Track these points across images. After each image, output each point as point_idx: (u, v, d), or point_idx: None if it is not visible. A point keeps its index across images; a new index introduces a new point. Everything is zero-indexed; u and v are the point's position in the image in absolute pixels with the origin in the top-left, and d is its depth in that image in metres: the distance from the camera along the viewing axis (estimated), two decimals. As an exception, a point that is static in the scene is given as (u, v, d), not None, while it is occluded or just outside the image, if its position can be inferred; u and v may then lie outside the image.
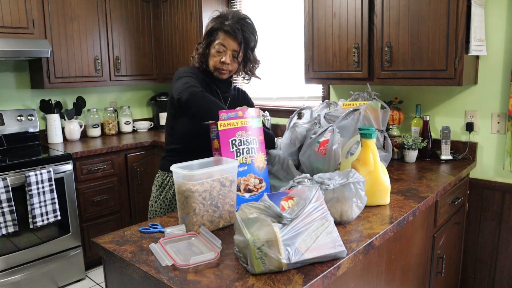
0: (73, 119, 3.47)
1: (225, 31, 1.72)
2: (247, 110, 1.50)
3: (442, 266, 2.05)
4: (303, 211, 1.11)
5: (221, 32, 1.73)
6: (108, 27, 3.45)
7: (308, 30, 2.65)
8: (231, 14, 1.75)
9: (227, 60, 1.75)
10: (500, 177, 2.36)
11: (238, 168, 1.43)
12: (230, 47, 1.73)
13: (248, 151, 1.49)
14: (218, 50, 1.74)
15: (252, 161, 1.50)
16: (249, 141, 1.49)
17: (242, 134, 1.47)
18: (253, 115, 1.52)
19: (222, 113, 1.43)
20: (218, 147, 1.43)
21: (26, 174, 2.65)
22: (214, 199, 1.34)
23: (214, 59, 1.76)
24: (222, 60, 1.74)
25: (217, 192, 1.34)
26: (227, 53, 1.74)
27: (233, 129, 1.45)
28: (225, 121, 1.43)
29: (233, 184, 1.38)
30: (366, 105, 1.92)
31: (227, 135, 1.44)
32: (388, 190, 1.59)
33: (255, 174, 1.51)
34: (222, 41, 1.73)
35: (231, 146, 1.44)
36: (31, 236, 2.76)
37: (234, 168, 1.37)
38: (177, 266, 1.10)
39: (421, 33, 2.17)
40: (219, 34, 1.73)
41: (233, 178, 1.37)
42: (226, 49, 1.74)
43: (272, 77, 3.44)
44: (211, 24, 1.76)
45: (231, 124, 1.45)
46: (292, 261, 1.05)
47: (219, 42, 1.73)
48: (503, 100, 2.29)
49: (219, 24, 1.73)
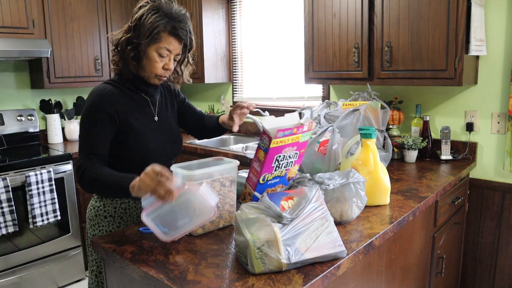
0: (73, 119, 3.47)
1: (171, 32, 1.41)
2: (303, 126, 1.36)
3: (442, 266, 2.05)
4: (303, 211, 1.11)
5: (166, 34, 1.41)
6: (108, 27, 3.45)
7: (308, 30, 2.65)
8: (173, 10, 1.42)
9: (171, 66, 1.47)
10: (500, 177, 2.36)
11: (270, 180, 1.38)
12: (174, 51, 1.45)
13: (286, 165, 1.42)
14: (161, 55, 1.43)
15: (286, 173, 1.45)
16: (291, 156, 1.41)
17: (288, 150, 1.38)
18: (306, 130, 1.39)
19: (280, 131, 1.29)
20: (263, 160, 1.34)
21: (26, 174, 2.65)
22: None
23: (156, 64, 1.44)
24: (166, 66, 1.46)
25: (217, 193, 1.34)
26: (171, 58, 1.46)
27: (282, 146, 1.34)
28: (279, 139, 1.31)
29: (233, 184, 1.38)
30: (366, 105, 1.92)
31: (275, 152, 1.34)
32: (388, 190, 1.59)
33: (283, 184, 1.47)
34: (167, 44, 1.42)
35: (274, 162, 1.36)
36: (31, 236, 2.76)
37: (234, 168, 1.37)
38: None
39: (421, 33, 2.17)
40: (163, 35, 1.40)
41: (233, 178, 1.37)
42: (170, 53, 1.44)
43: (272, 77, 3.44)
44: (152, 22, 1.38)
45: (283, 142, 1.33)
46: (292, 261, 1.05)
47: (163, 45, 1.41)
48: (503, 100, 2.29)
49: (163, 23, 1.39)
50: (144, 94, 1.55)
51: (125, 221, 1.56)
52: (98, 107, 1.42)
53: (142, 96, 1.55)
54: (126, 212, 1.56)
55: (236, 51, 3.67)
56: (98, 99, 1.43)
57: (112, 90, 1.46)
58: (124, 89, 1.50)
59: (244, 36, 3.60)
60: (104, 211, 1.55)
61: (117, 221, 1.55)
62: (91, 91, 1.47)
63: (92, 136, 1.41)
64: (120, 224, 1.55)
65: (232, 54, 3.68)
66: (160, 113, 1.60)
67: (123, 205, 1.56)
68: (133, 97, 1.51)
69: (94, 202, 1.59)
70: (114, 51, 1.48)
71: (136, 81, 1.51)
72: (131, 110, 1.49)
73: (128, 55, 1.42)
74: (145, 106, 1.55)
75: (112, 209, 1.55)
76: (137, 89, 1.53)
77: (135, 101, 1.52)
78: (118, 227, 1.55)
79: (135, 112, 1.50)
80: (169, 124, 1.64)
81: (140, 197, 1.20)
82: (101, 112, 1.41)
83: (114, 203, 1.55)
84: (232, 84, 3.73)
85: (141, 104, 1.53)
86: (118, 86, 1.49)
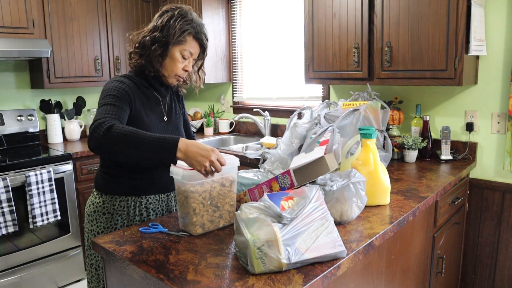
0: (73, 119, 3.47)
1: (195, 37, 1.53)
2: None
3: (442, 266, 2.05)
4: (303, 211, 1.11)
5: (190, 37, 1.52)
6: (108, 27, 3.45)
7: (308, 30, 2.65)
8: (195, 17, 1.55)
9: (190, 68, 1.57)
10: (500, 177, 2.35)
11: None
12: (195, 55, 1.56)
13: None
14: (184, 56, 1.53)
15: None
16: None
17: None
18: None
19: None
20: (275, 192, 1.33)
21: (26, 174, 2.65)
22: (214, 199, 1.34)
23: (178, 64, 1.53)
24: (186, 68, 1.55)
25: (217, 192, 1.34)
26: (191, 61, 1.56)
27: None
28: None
29: (233, 184, 1.38)
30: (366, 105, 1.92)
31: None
32: (388, 190, 1.59)
33: None
34: (191, 47, 1.53)
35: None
36: (31, 236, 2.76)
37: (234, 168, 1.37)
38: None
39: (421, 33, 2.17)
40: (187, 38, 1.51)
41: (233, 178, 1.37)
42: (191, 56, 1.55)
43: (272, 77, 3.44)
44: (182, 24, 1.49)
45: None
46: (292, 261, 1.05)
47: (187, 48, 1.52)
48: (503, 100, 2.29)
49: (189, 26, 1.50)
50: (156, 93, 1.60)
51: (123, 219, 1.56)
52: (120, 88, 1.46)
53: (155, 95, 1.60)
54: (125, 210, 1.56)
55: (236, 51, 3.67)
56: (119, 84, 1.48)
57: (128, 82, 1.51)
58: (139, 84, 1.55)
59: (244, 36, 3.60)
60: (103, 208, 1.56)
61: (115, 218, 1.56)
62: (108, 80, 1.52)
63: (116, 105, 1.41)
64: (118, 221, 1.56)
65: (232, 54, 3.68)
66: (169, 115, 1.65)
67: (122, 203, 1.56)
68: (146, 94, 1.56)
69: (94, 198, 1.61)
70: (136, 48, 1.54)
71: (153, 79, 1.57)
72: (144, 105, 1.54)
73: (155, 52, 1.49)
74: (157, 104, 1.60)
75: (111, 206, 1.56)
76: (150, 86, 1.58)
77: (148, 97, 1.57)
78: (115, 224, 1.56)
79: (147, 108, 1.55)
80: (177, 126, 1.68)
81: (172, 164, 1.30)
82: (123, 92, 1.46)
83: (113, 200, 1.56)
84: (232, 84, 3.73)
85: (153, 102, 1.58)
86: (134, 80, 1.55)
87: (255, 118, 3.38)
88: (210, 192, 1.32)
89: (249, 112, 3.48)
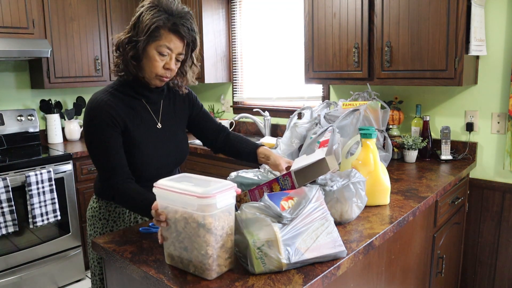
0: (73, 119, 3.47)
1: (172, 29, 1.35)
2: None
3: (442, 266, 2.05)
4: (303, 211, 1.11)
5: (166, 31, 1.35)
6: (108, 27, 3.45)
7: (308, 30, 2.65)
8: (174, 6, 1.37)
9: (173, 65, 1.40)
10: (500, 177, 2.35)
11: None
12: (176, 50, 1.38)
13: None
14: (161, 53, 1.36)
15: None
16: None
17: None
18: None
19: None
20: (275, 192, 1.33)
21: (26, 174, 2.65)
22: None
23: (156, 64, 1.37)
24: (167, 66, 1.39)
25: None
26: (172, 57, 1.39)
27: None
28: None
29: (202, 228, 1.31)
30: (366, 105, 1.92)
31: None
32: (388, 190, 1.59)
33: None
34: (168, 42, 1.35)
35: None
36: (31, 236, 2.76)
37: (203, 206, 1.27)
38: None
39: (421, 33, 2.17)
40: (163, 33, 1.34)
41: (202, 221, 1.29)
42: (171, 52, 1.38)
43: (272, 77, 3.44)
44: (151, 18, 1.33)
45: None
46: (292, 261, 1.05)
47: (163, 43, 1.35)
48: (503, 100, 2.29)
49: (162, 19, 1.33)
50: (145, 100, 1.48)
51: (118, 225, 1.55)
52: (99, 122, 1.37)
53: (142, 103, 1.48)
54: (120, 217, 1.55)
55: (236, 51, 3.67)
56: (97, 112, 1.38)
57: (106, 101, 1.39)
58: (122, 96, 1.43)
59: (244, 36, 3.60)
60: (99, 213, 1.55)
61: (111, 224, 1.55)
62: (87, 107, 1.42)
63: (105, 150, 1.38)
64: (113, 228, 1.55)
65: (232, 54, 3.68)
66: (164, 120, 1.54)
67: (117, 210, 1.55)
68: (131, 105, 1.45)
69: (92, 202, 1.59)
70: (115, 52, 1.43)
71: (137, 85, 1.45)
72: (130, 118, 1.43)
73: (127, 55, 1.37)
74: (145, 113, 1.48)
75: (106, 212, 1.54)
76: (137, 94, 1.46)
77: (134, 108, 1.45)
78: (111, 230, 1.54)
79: (137, 120, 1.45)
80: (175, 131, 1.57)
81: None
82: (103, 124, 1.37)
83: (108, 206, 1.54)
84: (232, 84, 3.73)
85: (140, 112, 1.47)
86: (115, 93, 1.43)
87: (255, 118, 3.38)
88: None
89: (249, 112, 3.48)
